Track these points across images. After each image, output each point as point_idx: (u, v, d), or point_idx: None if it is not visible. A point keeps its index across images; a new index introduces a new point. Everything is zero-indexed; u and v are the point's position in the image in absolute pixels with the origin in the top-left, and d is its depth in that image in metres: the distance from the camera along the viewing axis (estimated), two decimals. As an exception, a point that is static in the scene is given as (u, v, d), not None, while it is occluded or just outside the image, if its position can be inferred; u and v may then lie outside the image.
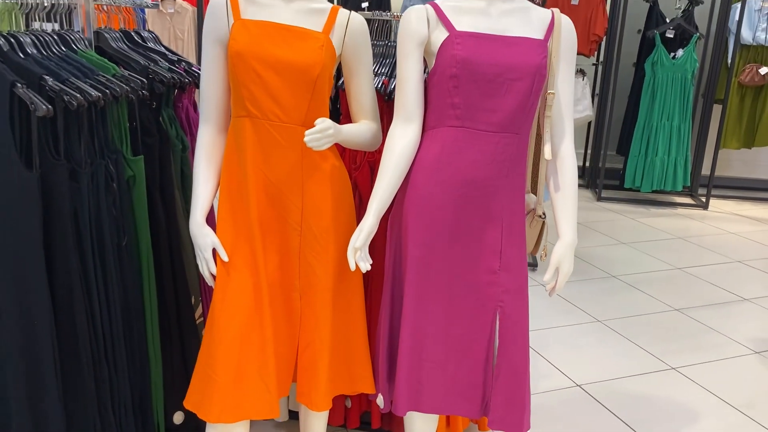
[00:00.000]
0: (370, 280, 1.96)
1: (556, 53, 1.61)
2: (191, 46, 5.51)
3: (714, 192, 5.68)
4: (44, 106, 1.44)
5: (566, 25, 1.63)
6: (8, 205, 1.48)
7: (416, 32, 1.59)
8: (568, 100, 1.66)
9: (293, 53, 1.58)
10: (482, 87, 1.55)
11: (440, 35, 1.58)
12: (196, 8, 5.33)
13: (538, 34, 1.60)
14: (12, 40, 1.56)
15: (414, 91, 1.61)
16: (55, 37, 1.70)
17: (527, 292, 1.68)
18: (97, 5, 1.96)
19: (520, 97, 1.56)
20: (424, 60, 1.65)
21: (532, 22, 1.61)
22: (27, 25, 1.76)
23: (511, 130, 1.59)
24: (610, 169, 5.70)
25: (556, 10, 1.64)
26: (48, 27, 1.79)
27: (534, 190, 1.75)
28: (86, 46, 1.83)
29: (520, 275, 1.65)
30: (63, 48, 1.71)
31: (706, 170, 5.68)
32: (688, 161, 5.33)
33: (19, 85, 1.44)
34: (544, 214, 1.75)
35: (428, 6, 1.60)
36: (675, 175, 5.32)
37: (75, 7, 1.81)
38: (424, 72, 1.65)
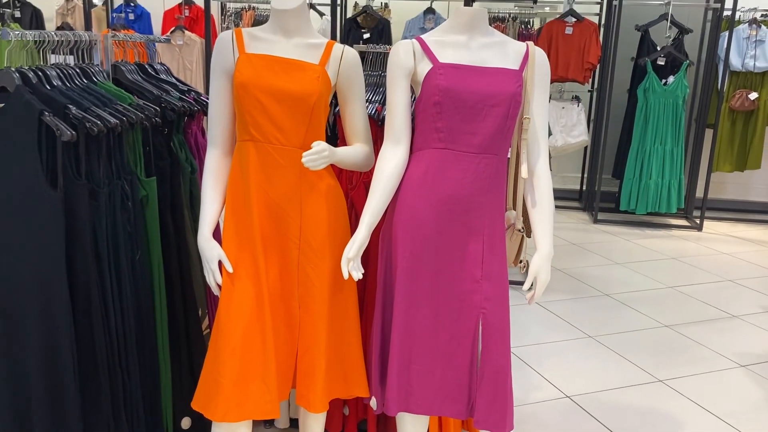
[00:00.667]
0: (365, 289, 2.10)
1: (530, 82, 1.78)
2: (199, 76, 5.73)
3: (709, 214, 5.81)
4: (69, 132, 1.61)
5: (540, 57, 1.80)
6: (35, 220, 1.64)
7: (403, 64, 1.76)
8: (543, 124, 1.82)
9: (292, 83, 1.75)
10: (463, 113, 1.72)
11: (425, 66, 1.75)
12: (204, 40, 5.55)
13: (514, 65, 1.77)
14: (40, 73, 1.74)
15: (402, 117, 1.77)
16: (78, 70, 1.88)
17: (508, 300, 1.82)
18: (115, 41, 2.14)
19: (497, 122, 1.73)
20: (412, 88, 1.82)
21: (508, 55, 1.78)
22: (43, 59, 1.91)
23: (491, 151, 1.75)
24: (606, 192, 5.84)
25: (530, 44, 1.81)
26: (67, 59, 1.96)
27: (514, 207, 1.90)
28: (105, 78, 2.01)
29: (501, 284, 1.80)
30: (84, 80, 1.89)
31: (700, 193, 5.82)
32: (681, 184, 5.48)
33: (46, 113, 1.61)
34: (522, 228, 1.89)
35: (414, 40, 1.78)
36: (669, 198, 5.46)
37: (95, 43, 1.99)
38: (411, 99, 1.81)
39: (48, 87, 1.74)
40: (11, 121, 1.62)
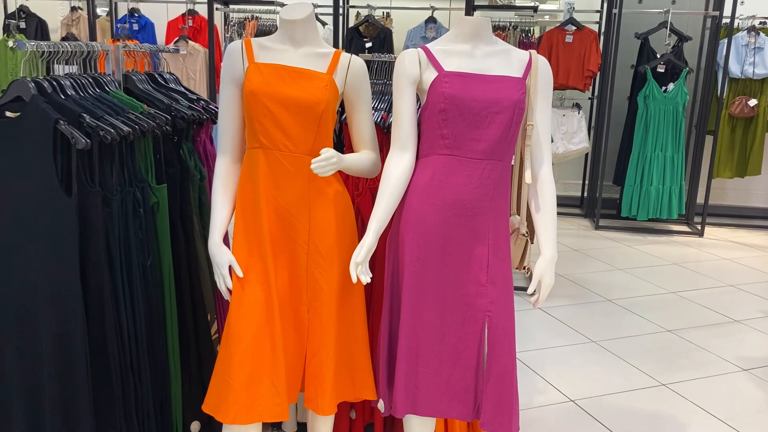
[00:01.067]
0: (371, 293, 2.14)
1: (533, 89, 1.82)
2: (202, 85, 5.78)
3: (710, 220, 5.85)
4: (83, 140, 1.65)
5: (542, 65, 1.84)
6: (50, 226, 1.68)
7: (409, 72, 1.80)
8: (546, 131, 1.86)
9: (301, 92, 1.79)
10: (468, 120, 1.76)
11: (430, 75, 1.79)
12: (207, 50, 5.60)
13: (518, 73, 1.81)
14: (54, 83, 1.78)
15: (408, 124, 1.81)
16: (90, 79, 1.92)
17: (513, 303, 1.85)
18: (125, 51, 2.19)
19: (502, 128, 1.76)
20: (417, 96, 1.86)
21: (512, 63, 1.82)
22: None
23: (495, 157, 1.78)
24: (607, 199, 5.88)
25: (533, 52, 1.85)
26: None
27: (518, 212, 1.93)
28: (116, 88, 2.05)
29: (506, 287, 1.83)
30: (97, 89, 1.93)
31: (701, 199, 5.85)
32: (682, 190, 5.51)
33: (62, 122, 1.65)
34: (527, 232, 1.93)
35: (420, 49, 1.82)
36: (670, 204, 5.49)
37: (108, 53, 2.03)
38: (417, 107, 1.85)
39: (62, 96, 1.78)
40: (27, 130, 1.66)
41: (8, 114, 1.69)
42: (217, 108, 2.26)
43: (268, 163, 1.82)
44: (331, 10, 5.09)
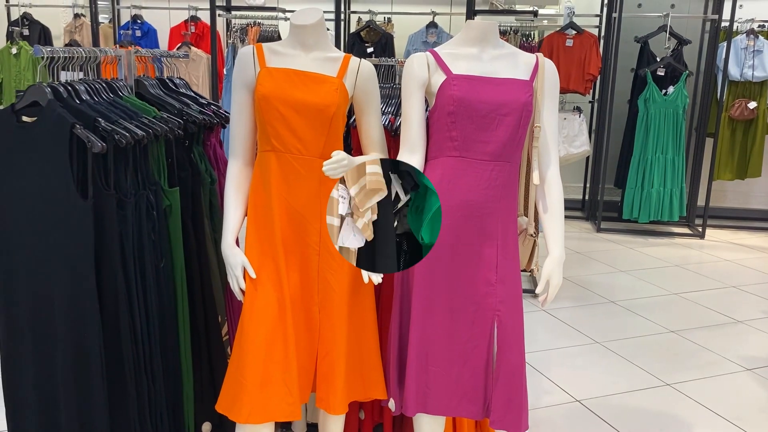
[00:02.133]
0: (381, 293, 2.16)
1: (540, 92, 1.85)
2: (205, 91, 5.81)
3: (711, 222, 5.88)
4: (99, 144, 1.67)
5: (549, 68, 1.87)
6: (66, 229, 1.70)
7: (418, 76, 1.83)
8: (553, 132, 1.89)
9: (312, 96, 1.82)
10: (476, 122, 1.78)
11: (439, 78, 1.82)
12: (210, 56, 5.63)
13: (525, 76, 1.84)
14: (69, 88, 1.81)
15: (417, 127, 1.84)
16: (104, 84, 1.95)
17: (522, 302, 1.88)
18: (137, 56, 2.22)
19: (509, 130, 1.79)
20: (426, 99, 1.89)
21: (519, 66, 1.85)
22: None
23: (503, 158, 1.81)
24: (609, 202, 5.91)
25: (540, 55, 1.88)
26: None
27: (526, 213, 1.96)
28: (129, 92, 2.08)
29: (514, 287, 1.85)
30: (110, 94, 1.96)
31: (701, 201, 5.88)
32: (683, 192, 5.55)
33: (78, 126, 1.68)
34: (534, 233, 1.96)
35: (428, 53, 1.85)
36: (671, 206, 5.52)
37: (120, 59, 2.06)
38: (426, 110, 1.88)
39: (77, 101, 1.80)
40: (44, 134, 1.68)
41: (25, 119, 1.71)
42: (227, 112, 2.29)
43: (279, 166, 1.85)
44: (332, 16, 5.13)
